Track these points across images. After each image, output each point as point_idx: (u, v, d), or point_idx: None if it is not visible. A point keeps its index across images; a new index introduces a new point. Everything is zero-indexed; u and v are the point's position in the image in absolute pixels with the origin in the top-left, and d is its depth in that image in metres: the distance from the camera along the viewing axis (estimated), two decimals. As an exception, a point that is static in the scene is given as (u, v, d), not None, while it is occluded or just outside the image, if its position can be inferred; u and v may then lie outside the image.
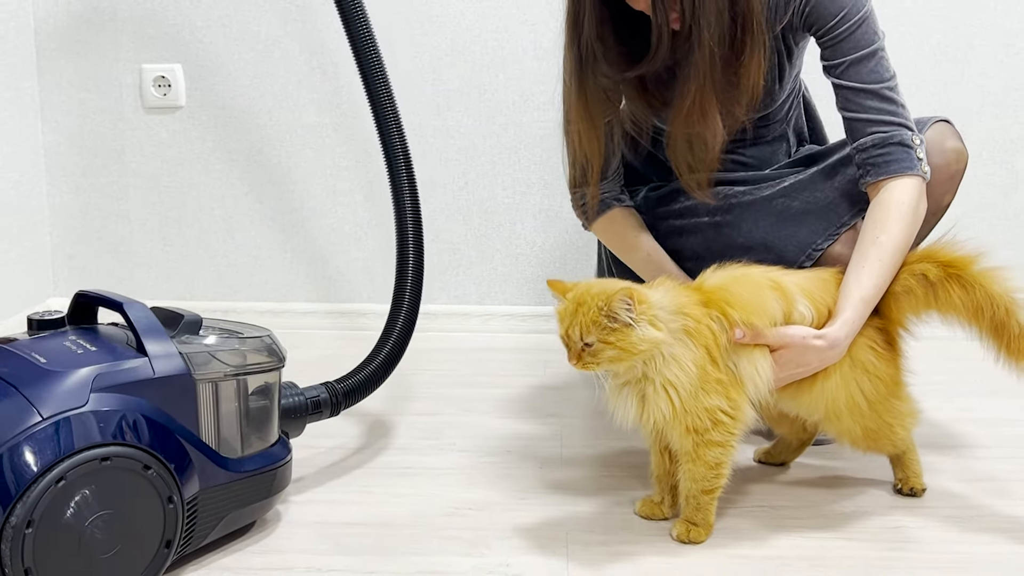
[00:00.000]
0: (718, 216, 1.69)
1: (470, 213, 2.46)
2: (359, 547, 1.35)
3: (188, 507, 1.23)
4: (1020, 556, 1.33)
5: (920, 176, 1.52)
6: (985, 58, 2.34)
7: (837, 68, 1.56)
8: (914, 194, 1.51)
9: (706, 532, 1.37)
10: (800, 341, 1.37)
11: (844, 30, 1.54)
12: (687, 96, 1.52)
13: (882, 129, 1.53)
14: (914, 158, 1.52)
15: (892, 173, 1.51)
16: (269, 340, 1.39)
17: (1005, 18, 2.32)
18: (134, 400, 1.20)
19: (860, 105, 1.55)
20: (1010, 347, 1.40)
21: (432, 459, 1.66)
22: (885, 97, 1.55)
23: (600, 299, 1.27)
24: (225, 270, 2.50)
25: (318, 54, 2.39)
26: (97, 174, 2.47)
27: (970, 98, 2.36)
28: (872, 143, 1.53)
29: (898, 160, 1.51)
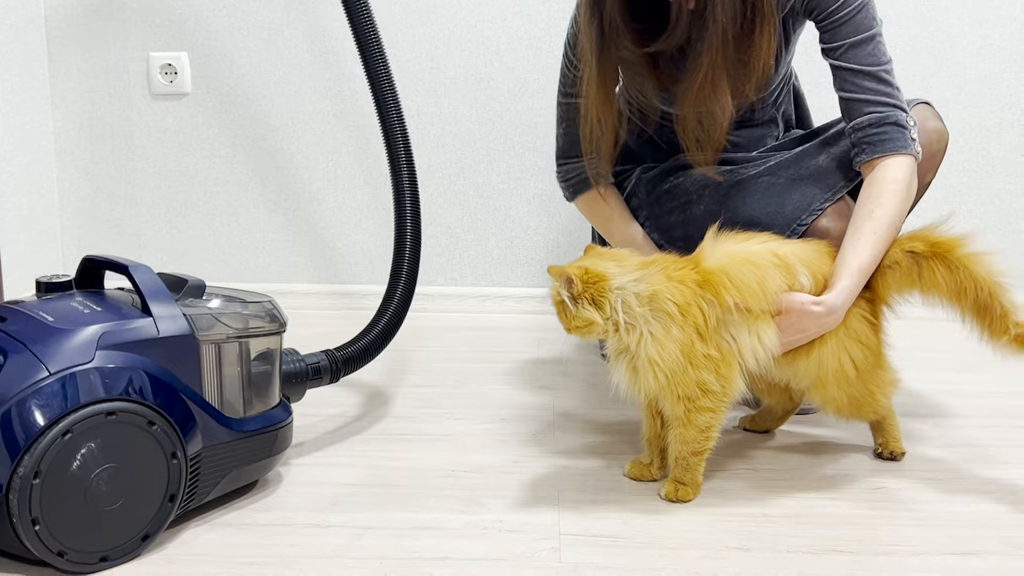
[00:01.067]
0: (707, 195, 1.68)
1: (466, 198, 2.45)
2: (356, 505, 1.34)
3: (191, 463, 1.22)
4: (998, 514, 1.33)
5: (913, 156, 1.52)
6: (961, 49, 2.34)
7: (836, 50, 1.56)
8: (907, 172, 1.51)
9: (694, 491, 1.37)
10: (799, 307, 1.37)
11: (845, 14, 1.54)
12: (699, 72, 1.51)
13: (878, 109, 1.53)
14: (908, 138, 1.53)
15: (887, 151, 1.52)
16: (270, 306, 1.38)
17: (981, 11, 2.32)
18: (139, 358, 1.19)
19: (857, 86, 1.55)
20: (992, 327, 1.40)
21: (428, 426, 1.65)
22: (882, 79, 1.55)
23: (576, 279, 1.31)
24: (230, 252, 2.49)
25: (320, 43, 2.38)
26: (105, 159, 2.45)
27: (947, 87, 2.36)
28: (868, 122, 1.53)
29: (893, 139, 1.52)
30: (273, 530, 1.27)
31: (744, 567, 1.18)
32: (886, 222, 1.46)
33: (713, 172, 1.65)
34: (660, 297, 1.30)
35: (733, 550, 1.22)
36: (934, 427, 1.67)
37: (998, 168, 2.39)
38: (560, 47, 2.31)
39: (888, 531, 1.28)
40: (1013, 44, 2.33)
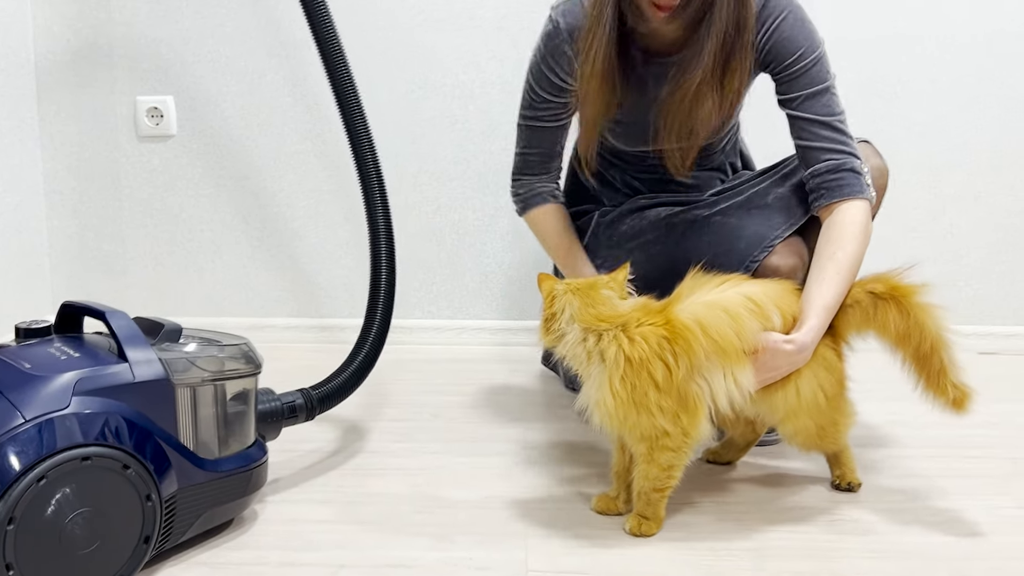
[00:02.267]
0: (663, 236, 1.68)
1: (442, 235, 2.44)
2: (330, 543, 1.31)
3: (166, 505, 1.20)
4: (948, 546, 1.32)
5: (868, 200, 1.53)
6: (911, 93, 2.35)
7: (793, 101, 1.56)
8: (864, 215, 1.52)
9: (656, 526, 1.35)
10: (773, 346, 1.36)
11: (800, 67, 1.55)
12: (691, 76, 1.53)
13: (835, 157, 1.54)
14: (863, 183, 1.54)
15: (845, 196, 1.52)
16: (246, 348, 1.36)
17: (929, 57, 2.33)
18: (114, 403, 1.16)
19: (814, 135, 1.56)
20: (930, 381, 1.40)
21: (403, 460, 1.63)
22: (837, 128, 1.56)
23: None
24: (213, 288, 2.46)
25: (300, 87, 2.37)
26: (93, 198, 2.43)
27: (898, 128, 2.37)
28: (826, 168, 1.54)
29: (850, 184, 1.53)
30: (247, 569, 1.24)
31: (705, 603, 1.16)
32: (847, 263, 1.46)
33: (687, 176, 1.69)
34: (604, 351, 1.29)
35: (695, 585, 1.21)
36: (887, 458, 1.66)
37: (949, 205, 2.40)
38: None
39: (845, 564, 1.26)
40: (959, 89, 2.34)
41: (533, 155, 1.75)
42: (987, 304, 2.44)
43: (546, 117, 1.70)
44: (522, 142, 1.76)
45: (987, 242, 2.42)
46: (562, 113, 1.69)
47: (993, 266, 2.43)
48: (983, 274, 2.43)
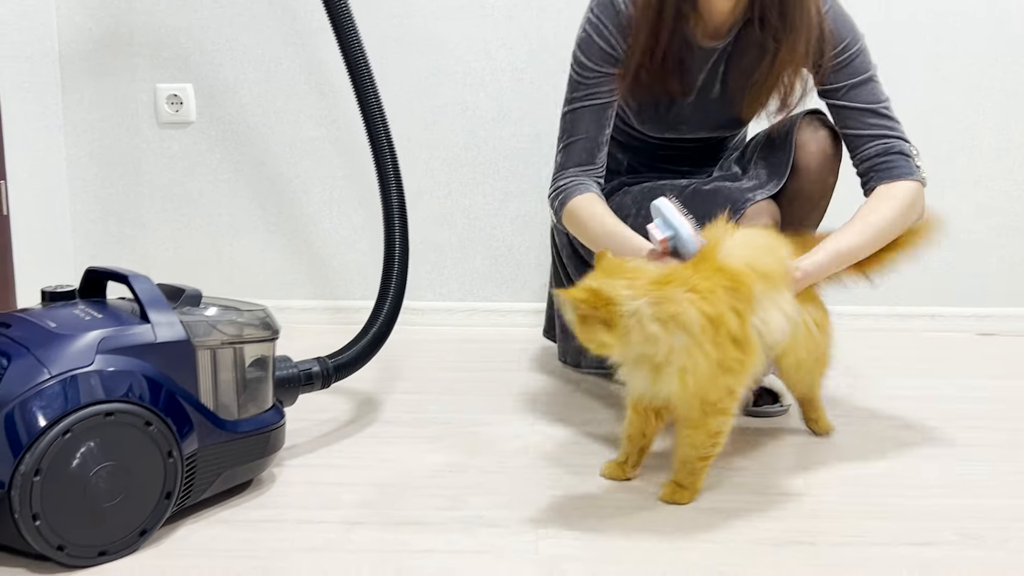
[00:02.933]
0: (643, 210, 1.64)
1: (454, 219, 2.44)
2: (346, 502, 1.32)
3: (187, 462, 1.20)
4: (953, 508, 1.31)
5: (919, 181, 1.53)
6: (914, 80, 2.34)
7: (838, 92, 1.56)
8: (911, 194, 1.51)
9: (691, 496, 1.32)
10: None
11: (845, 58, 1.56)
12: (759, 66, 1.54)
13: (884, 142, 1.55)
14: (913, 165, 1.54)
15: (895, 177, 1.52)
16: (264, 314, 1.36)
17: (932, 46, 2.33)
18: (137, 362, 1.17)
19: (862, 123, 1.56)
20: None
21: (416, 430, 1.63)
22: (883, 115, 1.58)
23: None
24: (232, 270, 2.47)
25: (316, 75, 2.37)
26: (115, 184, 2.43)
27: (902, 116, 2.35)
28: (876, 152, 1.54)
29: (899, 167, 1.53)
30: (265, 526, 1.24)
31: (711, 556, 1.16)
32: (877, 224, 1.47)
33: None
34: (684, 317, 1.18)
35: (702, 542, 1.20)
36: (887, 427, 1.66)
37: (949, 190, 2.39)
38: (541, 79, 2.32)
39: (848, 523, 1.26)
40: (961, 75, 2.34)
41: (579, 143, 1.62)
42: (987, 286, 2.43)
43: (596, 93, 1.59)
44: (567, 133, 1.64)
45: (987, 226, 2.41)
46: (612, 88, 1.60)
47: (993, 249, 2.42)
48: (983, 257, 2.42)
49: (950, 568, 1.14)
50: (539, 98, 2.34)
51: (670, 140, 1.74)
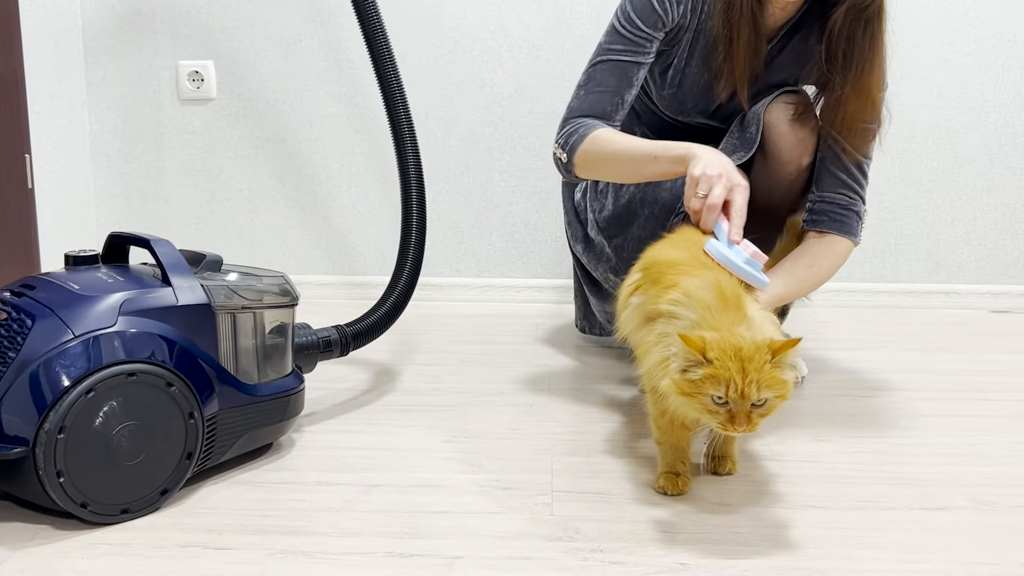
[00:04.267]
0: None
1: (470, 195, 2.43)
2: (363, 466, 1.32)
3: (208, 424, 1.20)
4: (965, 475, 1.30)
5: (856, 244, 1.60)
6: (930, 55, 2.31)
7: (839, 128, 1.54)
8: (847, 255, 1.60)
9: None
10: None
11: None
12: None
13: (850, 196, 1.58)
14: (859, 228, 1.60)
15: (842, 232, 1.57)
16: (283, 281, 1.36)
17: (947, 20, 2.29)
18: (159, 324, 1.17)
19: (843, 167, 1.57)
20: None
21: (432, 399, 1.63)
22: (863, 170, 1.59)
23: (763, 350, 1.06)
24: (252, 245, 2.47)
25: (336, 51, 2.36)
26: (137, 159, 2.44)
27: (917, 91, 2.33)
28: (839, 202, 1.58)
29: (851, 225, 1.58)
30: (284, 487, 1.24)
31: (723, 521, 1.15)
32: (813, 281, 1.54)
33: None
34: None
35: (715, 505, 1.20)
36: (904, 399, 1.64)
37: (965, 167, 2.37)
38: (558, 56, 2.30)
39: (862, 490, 1.25)
40: (977, 51, 2.30)
41: (601, 93, 1.56)
42: (1001, 264, 2.41)
43: (636, 51, 1.55)
44: (591, 81, 1.57)
45: (1002, 203, 2.38)
46: (650, 50, 1.56)
47: (1008, 227, 2.39)
48: (997, 234, 2.39)
49: (963, 532, 1.13)
50: (555, 75, 2.33)
51: (683, 123, 1.72)
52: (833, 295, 2.39)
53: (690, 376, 1.07)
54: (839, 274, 2.37)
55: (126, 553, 1.06)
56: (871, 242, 2.40)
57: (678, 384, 1.08)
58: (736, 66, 1.55)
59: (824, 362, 1.89)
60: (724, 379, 1.05)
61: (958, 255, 2.40)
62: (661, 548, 1.08)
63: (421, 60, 2.36)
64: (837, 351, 1.97)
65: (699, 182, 1.32)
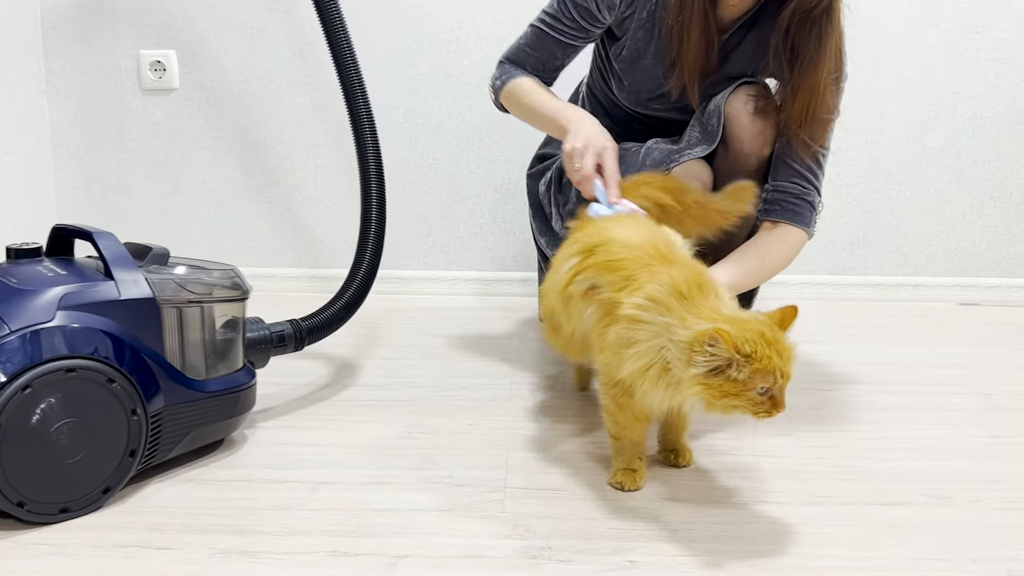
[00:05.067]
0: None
1: (438, 188, 2.40)
2: (315, 463, 1.30)
3: (152, 420, 1.18)
4: (923, 469, 1.30)
5: (810, 235, 1.58)
6: (898, 47, 2.31)
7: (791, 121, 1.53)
8: (800, 245, 1.58)
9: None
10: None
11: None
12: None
13: (805, 186, 1.57)
14: (813, 219, 1.58)
15: (795, 222, 1.56)
16: (233, 274, 1.33)
17: (916, 12, 2.28)
18: (100, 319, 1.14)
19: (797, 157, 1.56)
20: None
21: (392, 393, 1.61)
22: (819, 161, 1.58)
23: (774, 327, 1.07)
24: (215, 239, 2.44)
25: (300, 41, 2.33)
26: (99, 150, 2.40)
27: (886, 83, 2.32)
28: (791, 191, 1.56)
29: (805, 215, 1.57)
30: (232, 485, 1.22)
31: (676, 517, 1.14)
32: (764, 271, 1.54)
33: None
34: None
35: (669, 500, 1.19)
36: (867, 392, 1.64)
37: (933, 159, 2.36)
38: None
39: (818, 485, 1.24)
40: (945, 43, 2.30)
41: (531, 56, 1.67)
42: (969, 256, 2.41)
43: (564, 32, 1.62)
44: (527, 40, 1.68)
45: (970, 195, 2.38)
46: (580, 37, 1.63)
47: (976, 219, 2.39)
48: (965, 227, 2.39)
49: (917, 527, 1.12)
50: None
51: (644, 115, 1.71)
52: (801, 288, 2.39)
53: (733, 376, 1.01)
54: (807, 267, 2.38)
55: (63, 553, 1.03)
56: (840, 234, 2.39)
57: (717, 387, 1.02)
58: (686, 63, 1.55)
59: (789, 355, 1.88)
60: (772, 369, 1.01)
61: (927, 247, 2.40)
62: (612, 545, 1.07)
63: (387, 51, 2.33)
64: (802, 344, 1.94)
65: (571, 157, 1.43)
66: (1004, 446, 1.39)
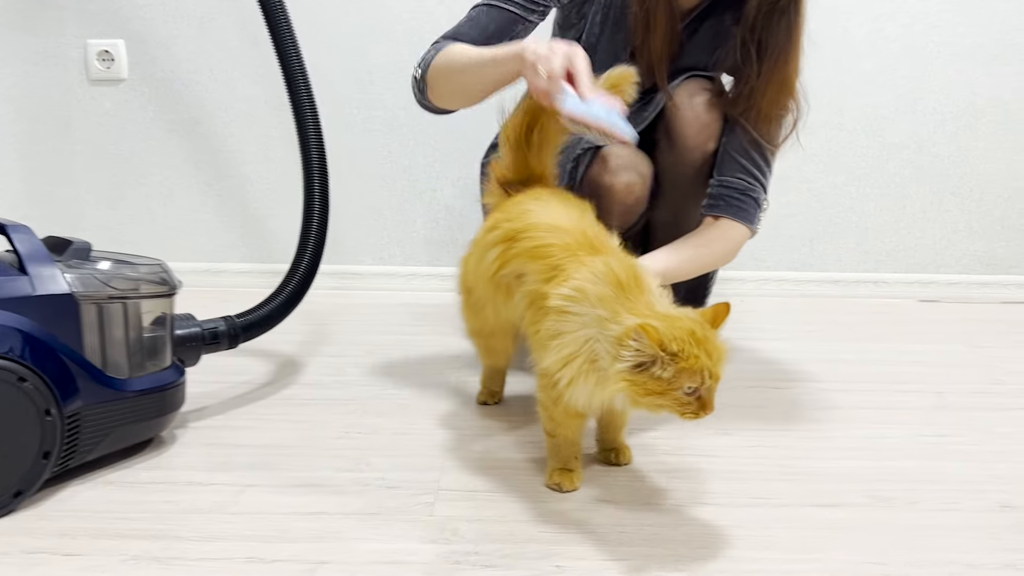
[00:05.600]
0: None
1: (394, 180, 2.37)
2: (243, 464, 1.26)
3: (69, 421, 1.14)
4: (864, 469, 1.28)
5: (752, 232, 1.55)
6: (858, 41, 2.29)
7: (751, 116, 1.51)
8: (741, 241, 1.55)
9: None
10: None
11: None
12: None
13: (749, 180, 1.54)
14: (758, 216, 1.55)
15: (739, 218, 1.53)
16: (160, 269, 1.29)
17: (875, 5, 2.27)
18: (11, 316, 1.10)
19: (745, 152, 1.54)
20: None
21: (333, 392, 1.57)
22: (766, 158, 1.55)
23: (707, 325, 1.03)
24: (166, 232, 2.39)
25: (251, 30, 2.28)
26: (45, 142, 2.35)
27: (845, 77, 2.31)
28: (736, 187, 1.54)
29: (749, 212, 1.54)
30: (154, 488, 1.18)
31: (608, 520, 1.11)
32: (701, 263, 1.50)
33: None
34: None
35: (603, 502, 1.16)
36: (817, 390, 1.62)
37: (894, 154, 2.35)
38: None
39: (757, 485, 1.22)
40: (905, 36, 2.28)
41: (475, 32, 1.51)
42: (930, 252, 2.40)
43: (522, 4, 1.51)
44: (470, 21, 1.53)
45: (930, 191, 2.37)
46: (539, 11, 1.53)
47: (936, 215, 2.38)
48: (926, 223, 2.38)
49: (855, 529, 1.10)
50: (479, 57, 2.27)
51: None
52: (760, 284, 2.37)
53: (657, 374, 0.99)
54: (767, 263, 2.37)
55: (-34, 561, 0.99)
56: (799, 230, 2.38)
57: (641, 384, 1.00)
58: (653, 49, 1.52)
59: (743, 352, 1.86)
60: (698, 369, 0.99)
61: (887, 244, 2.39)
62: (540, 550, 1.04)
63: (339, 40, 2.29)
64: (758, 341, 1.95)
65: (536, 63, 1.24)
66: (950, 445, 1.37)
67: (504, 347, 1.42)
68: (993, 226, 2.38)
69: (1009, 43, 2.27)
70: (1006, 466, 1.30)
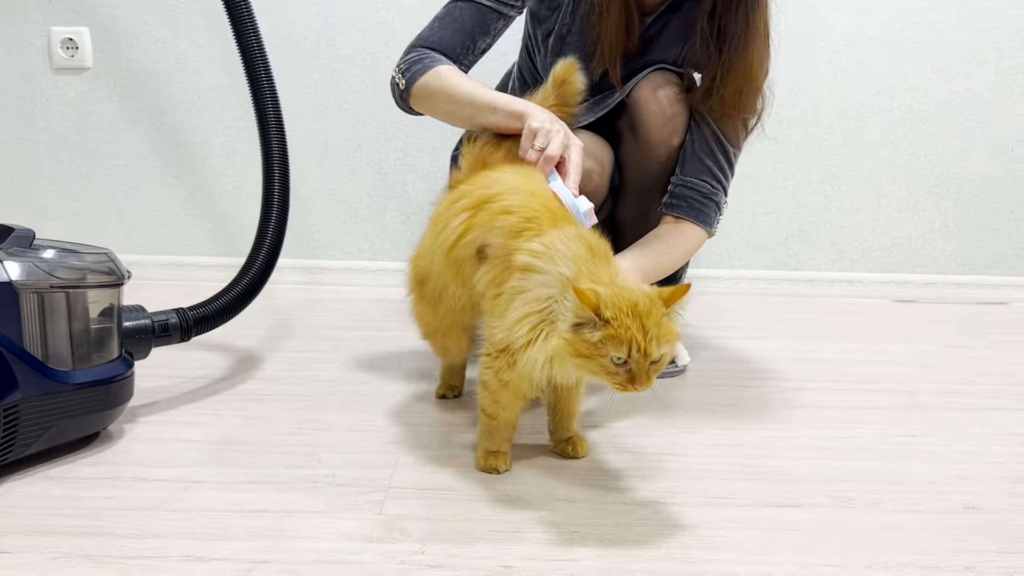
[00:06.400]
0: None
1: (364, 174, 2.34)
2: (191, 460, 1.23)
3: (7, 414, 1.10)
4: (829, 469, 1.26)
5: (710, 235, 1.55)
6: (835, 37, 2.27)
7: (717, 110, 1.49)
8: (700, 242, 1.54)
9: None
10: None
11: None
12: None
13: (712, 183, 1.53)
14: (716, 219, 1.55)
15: (698, 221, 1.53)
16: (107, 258, 1.26)
17: (853, 1, 2.25)
18: (-55, 304, 1.07)
19: (709, 152, 1.53)
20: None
21: (291, 387, 1.54)
22: (729, 160, 1.55)
23: (658, 303, 1.02)
24: (131, 225, 2.35)
25: (219, 19, 2.25)
26: (7, 132, 2.30)
27: (822, 73, 2.29)
28: (700, 189, 1.52)
29: (708, 214, 1.53)
30: (96, 483, 1.15)
31: (562, 518, 1.08)
32: (663, 267, 1.49)
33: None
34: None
35: (561, 502, 1.13)
36: (786, 389, 1.60)
37: (870, 152, 2.33)
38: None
39: (717, 485, 1.19)
40: (884, 34, 2.27)
41: (452, 30, 1.49)
42: (906, 252, 2.38)
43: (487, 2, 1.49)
44: (446, 17, 1.51)
45: (907, 190, 2.35)
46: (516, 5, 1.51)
47: (912, 214, 2.37)
48: (902, 222, 2.37)
49: (812, 530, 1.08)
50: (451, 49, 2.24)
51: None
52: (735, 283, 2.35)
53: (587, 336, 1.00)
54: (741, 261, 2.35)
55: None
56: (774, 229, 2.36)
57: (572, 344, 1.01)
58: (605, 44, 1.50)
59: (713, 350, 1.84)
60: (626, 340, 0.99)
61: (862, 243, 2.37)
62: (489, 549, 1.01)
63: (309, 31, 2.25)
64: (729, 339, 1.92)
65: (537, 134, 1.30)
66: (918, 446, 1.35)
67: (459, 345, 1.40)
68: (969, 226, 2.37)
69: (987, 41, 2.26)
70: (975, 467, 1.28)
